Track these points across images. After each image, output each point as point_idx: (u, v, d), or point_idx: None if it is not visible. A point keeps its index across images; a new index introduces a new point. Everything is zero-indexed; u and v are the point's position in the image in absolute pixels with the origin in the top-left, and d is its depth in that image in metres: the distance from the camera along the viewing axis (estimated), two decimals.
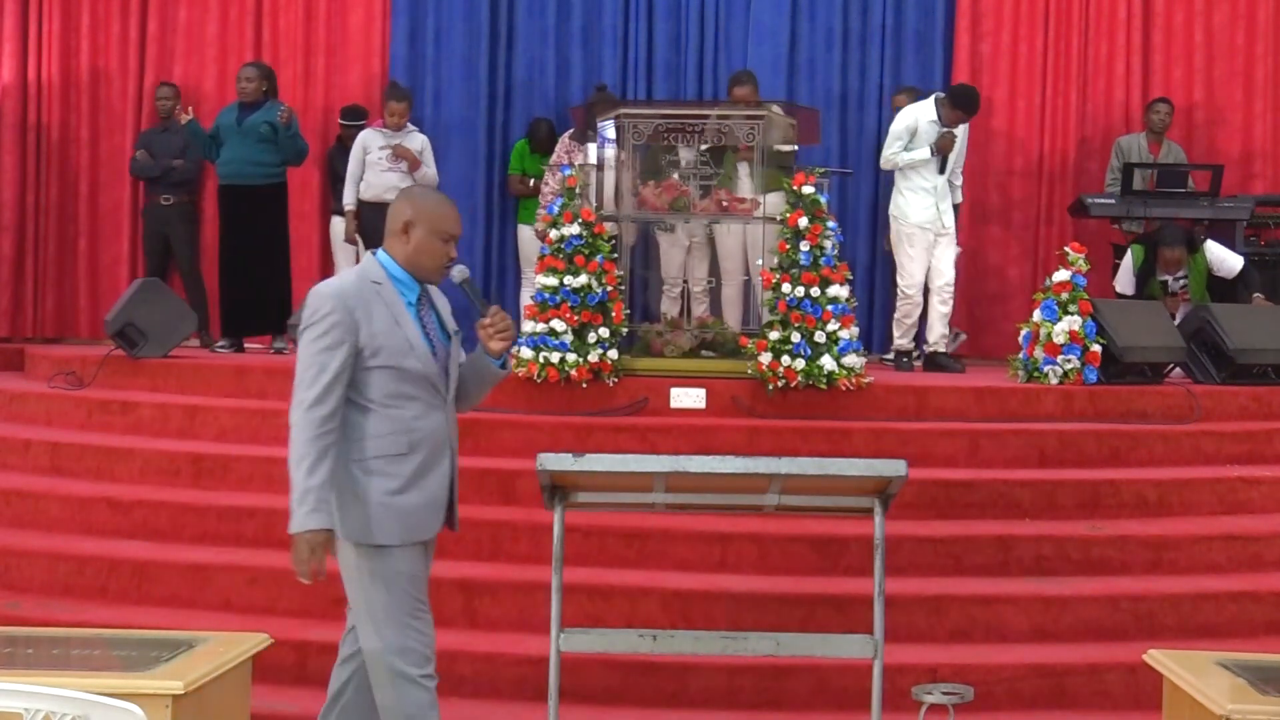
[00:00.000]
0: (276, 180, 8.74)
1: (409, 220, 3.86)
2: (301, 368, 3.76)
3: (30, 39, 10.09)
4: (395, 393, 3.82)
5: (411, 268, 3.87)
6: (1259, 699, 3.34)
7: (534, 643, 5.14)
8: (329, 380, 3.73)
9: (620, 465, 3.27)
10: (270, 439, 6.83)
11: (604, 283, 6.92)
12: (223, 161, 8.67)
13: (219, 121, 8.76)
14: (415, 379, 3.83)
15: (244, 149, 8.57)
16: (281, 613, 5.60)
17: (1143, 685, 4.98)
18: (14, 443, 7.06)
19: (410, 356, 3.81)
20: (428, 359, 3.85)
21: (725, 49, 10.00)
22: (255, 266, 8.61)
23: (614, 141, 7.38)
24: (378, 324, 3.78)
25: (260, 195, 8.64)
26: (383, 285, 3.84)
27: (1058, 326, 7.23)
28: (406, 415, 3.83)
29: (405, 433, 3.84)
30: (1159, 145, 9.37)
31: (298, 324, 3.72)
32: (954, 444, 6.61)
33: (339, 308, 3.75)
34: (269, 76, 8.80)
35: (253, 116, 8.60)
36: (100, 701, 2.72)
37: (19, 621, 5.16)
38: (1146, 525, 6.18)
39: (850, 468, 3.30)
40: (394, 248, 3.88)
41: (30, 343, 9.75)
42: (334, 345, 3.73)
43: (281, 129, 8.53)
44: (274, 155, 8.64)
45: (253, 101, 8.64)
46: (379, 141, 8.77)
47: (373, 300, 3.79)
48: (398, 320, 3.81)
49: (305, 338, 3.77)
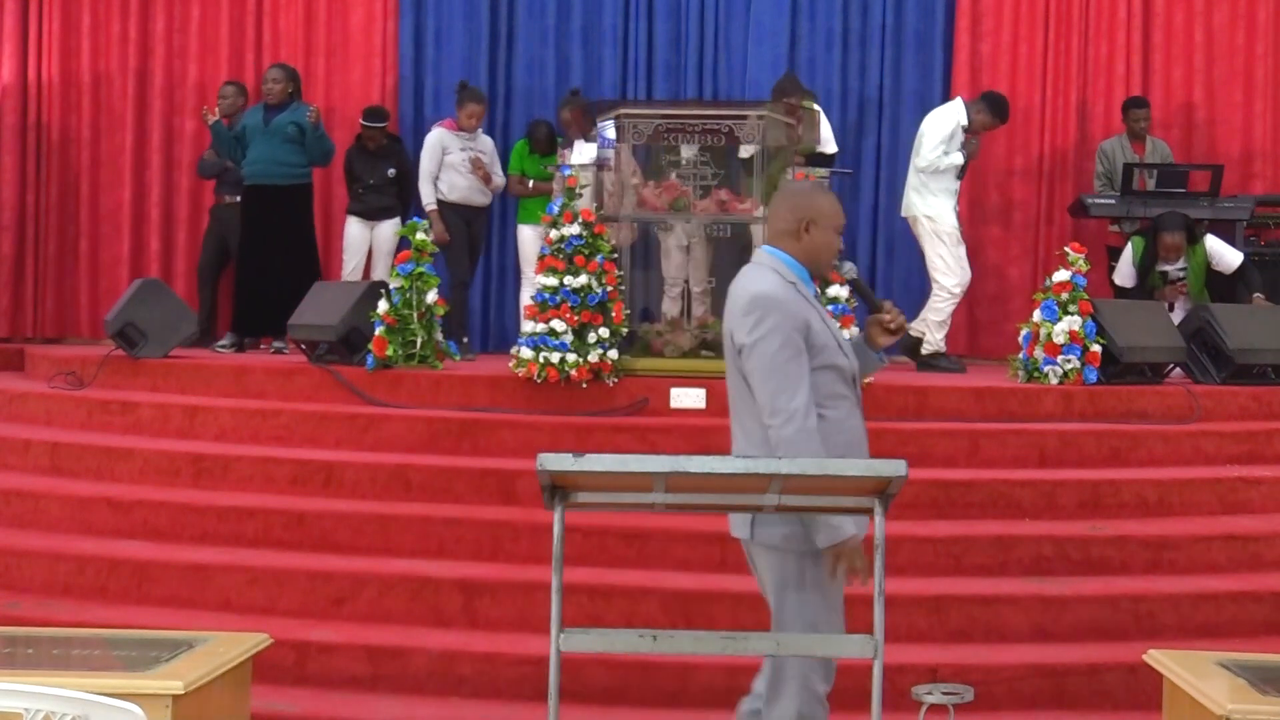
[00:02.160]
0: (303, 180, 8.79)
1: (809, 219, 3.80)
2: (770, 377, 3.64)
3: (30, 39, 10.11)
4: (832, 393, 3.74)
5: (809, 264, 3.83)
6: (1259, 699, 3.34)
7: (534, 643, 5.14)
8: (799, 375, 3.64)
9: (620, 465, 3.26)
10: (270, 439, 6.85)
11: (604, 283, 6.93)
12: (249, 162, 8.70)
13: (245, 122, 8.80)
14: (847, 378, 3.79)
15: (270, 149, 8.61)
16: (281, 613, 5.60)
17: (1143, 685, 4.97)
18: (14, 443, 7.07)
19: (840, 354, 3.78)
20: (850, 356, 3.83)
21: (725, 49, 10.01)
22: (282, 266, 8.61)
23: (614, 141, 7.39)
24: (814, 323, 3.72)
25: (287, 195, 8.68)
26: (797, 284, 3.77)
27: (1058, 326, 7.23)
28: (840, 416, 3.76)
29: (840, 433, 3.73)
30: (1142, 145, 9.36)
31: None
32: (954, 444, 6.61)
33: (787, 311, 3.68)
34: (294, 78, 8.86)
35: (279, 117, 8.64)
36: (100, 701, 2.72)
37: (19, 621, 5.15)
38: (1146, 525, 6.18)
39: (850, 468, 3.30)
40: (789, 245, 3.82)
41: (30, 343, 9.76)
42: (799, 351, 3.66)
43: (309, 129, 8.57)
44: (300, 155, 8.69)
45: (279, 103, 8.69)
46: (458, 144, 8.85)
47: (800, 299, 3.73)
48: (823, 318, 3.79)
49: (762, 346, 3.65)
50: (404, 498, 6.27)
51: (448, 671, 5.26)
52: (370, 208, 9.20)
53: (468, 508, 6.17)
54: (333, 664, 5.31)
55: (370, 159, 9.20)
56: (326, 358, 7.55)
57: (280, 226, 8.68)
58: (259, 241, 8.70)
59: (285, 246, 8.68)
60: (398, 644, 5.36)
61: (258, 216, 8.71)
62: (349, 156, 9.30)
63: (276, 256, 8.64)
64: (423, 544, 5.97)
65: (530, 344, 6.86)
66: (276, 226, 8.67)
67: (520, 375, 6.86)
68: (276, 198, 8.65)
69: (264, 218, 8.68)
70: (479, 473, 6.31)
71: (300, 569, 5.77)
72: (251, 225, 8.75)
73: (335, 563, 5.83)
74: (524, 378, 6.85)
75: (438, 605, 5.62)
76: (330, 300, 7.77)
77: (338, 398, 7.10)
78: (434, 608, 5.62)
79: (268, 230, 8.66)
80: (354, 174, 9.30)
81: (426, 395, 7.01)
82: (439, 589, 5.65)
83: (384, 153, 9.18)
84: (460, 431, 6.65)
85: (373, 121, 9.17)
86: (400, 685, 5.25)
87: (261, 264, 8.67)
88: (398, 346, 7.19)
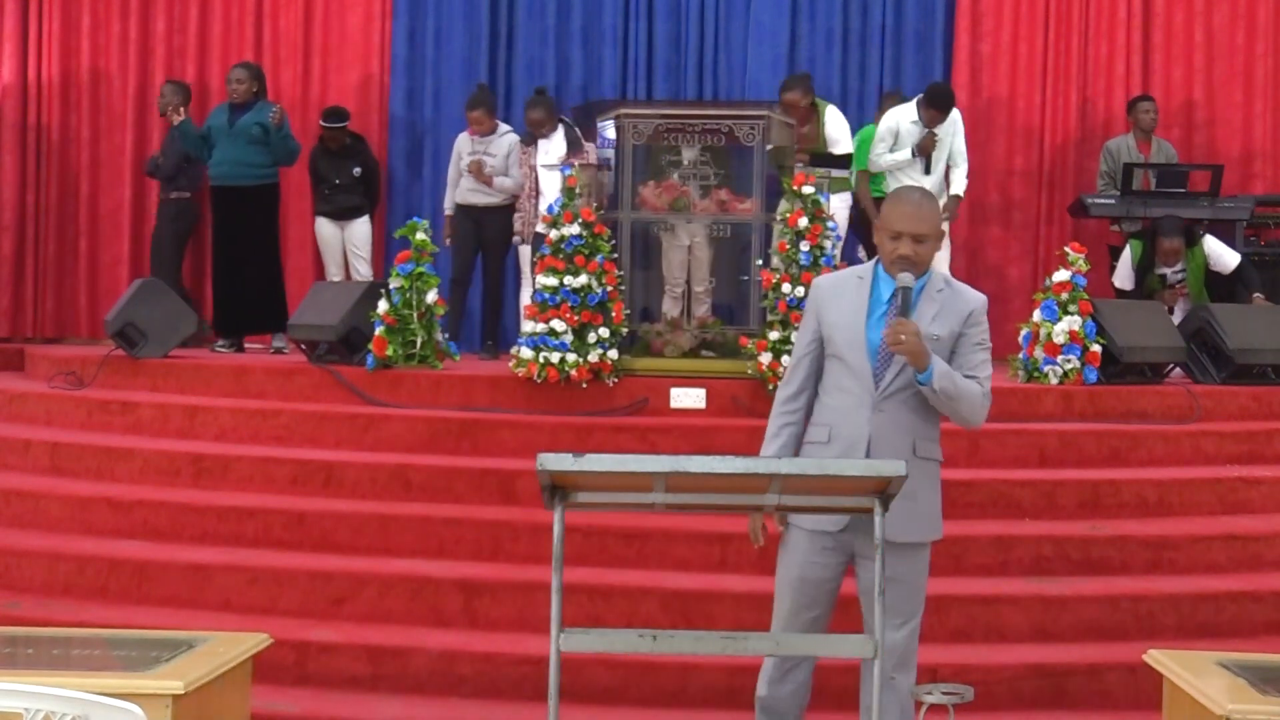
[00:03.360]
0: (268, 181, 8.77)
1: (878, 223, 4.01)
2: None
3: (30, 39, 10.11)
4: (837, 384, 3.97)
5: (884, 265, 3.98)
6: (1259, 699, 3.34)
7: (534, 643, 5.14)
8: (794, 362, 4.09)
9: (620, 465, 3.26)
10: (270, 439, 6.85)
11: (604, 283, 6.93)
12: (214, 162, 8.70)
13: (210, 123, 8.79)
14: (855, 372, 3.92)
15: (235, 150, 8.60)
16: (281, 613, 5.60)
17: (1143, 685, 4.97)
18: (14, 443, 7.07)
19: (853, 349, 3.92)
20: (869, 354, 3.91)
21: (725, 49, 10.01)
22: (248, 267, 8.65)
23: (612, 142, 7.39)
24: (837, 315, 3.96)
25: (252, 196, 8.67)
26: (864, 279, 3.99)
27: (1058, 326, 7.23)
28: (836, 405, 3.96)
29: (828, 424, 3.97)
30: (1149, 145, 9.35)
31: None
32: (954, 444, 6.57)
33: (813, 298, 4.06)
34: (259, 77, 8.83)
35: (244, 118, 8.62)
36: (100, 701, 2.72)
37: (19, 621, 5.16)
38: (1146, 525, 6.18)
39: (850, 468, 3.30)
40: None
41: (30, 343, 9.76)
42: (802, 330, 4.07)
43: (273, 130, 8.56)
44: (265, 156, 8.67)
45: (243, 102, 8.67)
46: (468, 148, 8.87)
47: (847, 293, 3.98)
48: (857, 311, 3.94)
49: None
50: (404, 498, 6.27)
51: (448, 671, 5.26)
52: (338, 208, 9.19)
53: (468, 508, 6.16)
54: (333, 664, 5.31)
55: (334, 159, 9.17)
56: (326, 358, 7.55)
57: (246, 227, 8.67)
58: (227, 242, 8.71)
59: (251, 247, 8.68)
60: (398, 644, 5.36)
61: (225, 218, 8.72)
62: (313, 157, 9.27)
63: (244, 257, 8.66)
64: (423, 544, 5.97)
65: (530, 344, 6.86)
66: (243, 227, 8.67)
67: (520, 375, 6.86)
68: (242, 198, 8.64)
69: (230, 218, 8.68)
70: (479, 473, 6.31)
71: (300, 569, 5.77)
72: (220, 226, 8.78)
73: (335, 563, 5.83)
74: (524, 378, 6.85)
75: (438, 605, 5.62)
76: (330, 300, 7.77)
77: (338, 398, 7.10)
78: (434, 608, 5.62)
79: (235, 231, 8.67)
80: (319, 174, 9.27)
81: (426, 395, 7.01)
82: (439, 589, 5.65)
83: (347, 152, 9.16)
84: (460, 431, 6.65)
85: (331, 122, 9.11)
86: (400, 685, 5.25)
87: (230, 265, 8.70)
88: (398, 346, 7.19)
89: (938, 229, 3.96)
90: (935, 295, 3.97)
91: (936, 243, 3.95)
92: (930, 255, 3.95)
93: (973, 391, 3.93)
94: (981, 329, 4.01)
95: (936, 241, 3.94)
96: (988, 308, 4.06)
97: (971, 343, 3.98)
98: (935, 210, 4.02)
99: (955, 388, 3.88)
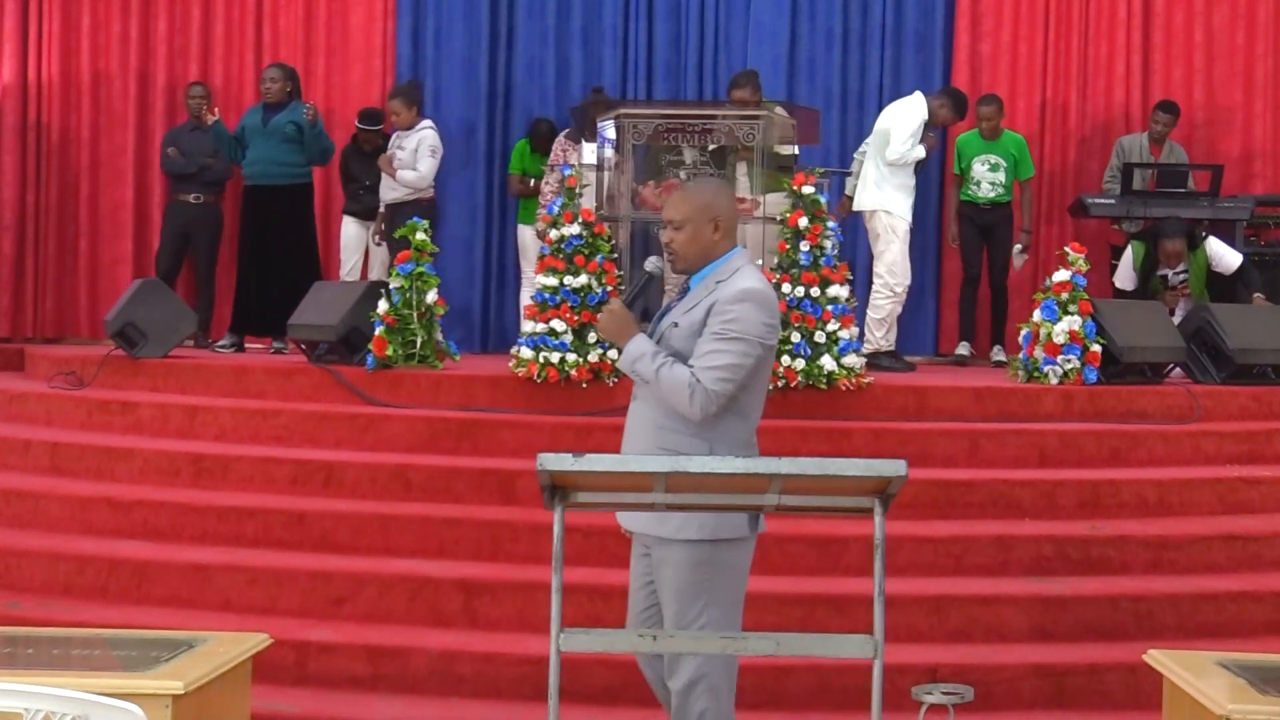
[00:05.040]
0: (302, 180, 8.78)
1: None
2: None
3: (30, 39, 10.10)
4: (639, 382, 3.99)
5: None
6: (1259, 699, 3.34)
7: (534, 643, 5.15)
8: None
9: (620, 465, 3.26)
10: (270, 439, 6.85)
11: (604, 283, 6.93)
12: (248, 162, 8.70)
13: (244, 123, 8.80)
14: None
15: (269, 149, 8.61)
16: (281, 613, 5.60)
17: (1143, 685, 4.97)
18: (14, 443, 7.07)
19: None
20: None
21: (725, 49, 10.00)
22: (283, 266, 8.61)
23: (614, 141, 7.38)
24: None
25: (287, 195, 8.68)
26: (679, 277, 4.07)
27: (1058, 326, 7.23)
28: (633, 402, 4.03)
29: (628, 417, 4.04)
30: (1160, 147, 9.37)
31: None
32: (954, 444, 6.61)
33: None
34: (292, 77, 8.85)
35: (278, 117, 8.64)
36: (100, 701, 2.72)
37: (19, 621, 5.15)
38: (1146, 525, 6.18)
39: (850, 468, 3.29)
40: None
41: (30, 343, 9.76)
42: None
43: (307, 128, 8.58)
44: (299, 155, 8.68)
45: (277, 102, 8.69)
46: (395, 144, 8.85)
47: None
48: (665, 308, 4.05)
49: None
50: (404, 498, 6.27)
51: (448, 671, 5.26)
52: (367, 208, 9.21)
53: (468, 508, 6.16)
54: (333, 664, 5.31)
55: (366, 160, 9.21)
56: (326, 358, 7.55)
57: (280, 227, 8.68)
58: (259, 241, 8.69)
59: (286, 246, 8.67)
60: (398, 644, 5.36)
61: (258, 217, 8.71)
62: (345, 157, 9.31)
63: (277, 257, 8.64)
64: (423, 544, 5.97)
65: (530, 344, 6.86)
66: (276, 227, 8.67)
67: (520, 375, 6.86)
68: (276, 198, 8.65)
69: (264, 218, 8.67)
70: (479, 473, 6.31)
71: (300, 569, 5.77)
72: (252, 226, 8.76)
73: (335, 563, 5.83)
74: (524, 378, 6.85)
75: (438, 605, 5.62)
76: (330, 300, 7.77)
77: (338, 398, 7.10)
78: (434, 608, 5.62)
79: (268, 230, 8.66)
80: (350, 174, 9.31)
81: (426, 395, 7.01)
82: (439, 589, 5.65)
83: (379, 154, 9.19)
84: (460, 431, 6.65)
85: (368, 124, 9.17)
86: (400, 685, 5.25)
87: (262, 264, 8.67)
88: (398, 346, 7.19)
89: (694, 214, 3.91)
90: (711, 286, 3.93)
91: (698, 229, 3.91)
92: (688, 241, 3.93)
93: (675, 379, 3.81)
94: (725, 319, 3.81)
95: (697, 228, 3.90)
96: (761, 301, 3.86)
97: (709, 332, 3.85)
98: (689, 197, 3.98)
99: (650, 373, 3.86)
